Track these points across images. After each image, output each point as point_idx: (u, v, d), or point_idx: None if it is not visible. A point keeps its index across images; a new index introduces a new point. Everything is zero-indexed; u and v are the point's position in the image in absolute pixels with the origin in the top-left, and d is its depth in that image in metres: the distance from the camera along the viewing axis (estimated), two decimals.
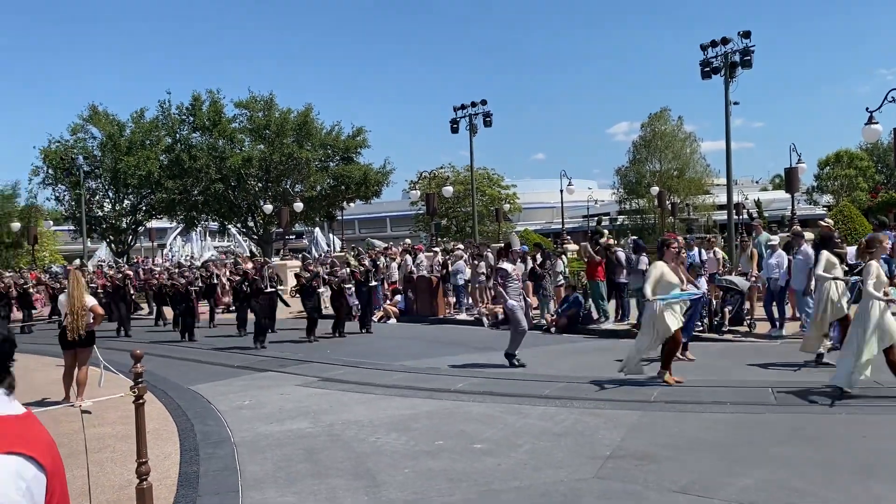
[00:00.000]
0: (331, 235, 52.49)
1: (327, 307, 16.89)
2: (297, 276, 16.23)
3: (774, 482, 5.25)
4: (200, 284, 18.88)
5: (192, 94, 40.54)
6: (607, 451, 6.25)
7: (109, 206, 42.64)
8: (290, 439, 7.18)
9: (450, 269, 18.30)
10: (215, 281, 20.47)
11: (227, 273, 20.81)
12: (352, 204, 45.21)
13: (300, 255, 22.19)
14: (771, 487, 5.14)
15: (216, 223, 45.14)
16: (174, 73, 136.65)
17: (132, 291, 20.18)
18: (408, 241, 30.18)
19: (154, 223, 47.19)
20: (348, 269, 16.01)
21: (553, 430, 7.02)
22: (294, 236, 50.71)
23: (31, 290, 22.28)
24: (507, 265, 11.00)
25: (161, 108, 40.91)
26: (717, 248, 15.58)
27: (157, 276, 21.03)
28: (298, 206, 37.06)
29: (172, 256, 42.86)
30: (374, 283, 17.20)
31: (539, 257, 16.87)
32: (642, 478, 5.51)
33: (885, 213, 18.29)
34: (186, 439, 7.35)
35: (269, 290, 15.22)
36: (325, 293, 16.68)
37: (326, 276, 15.91)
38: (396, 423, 7.64)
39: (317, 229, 52.18)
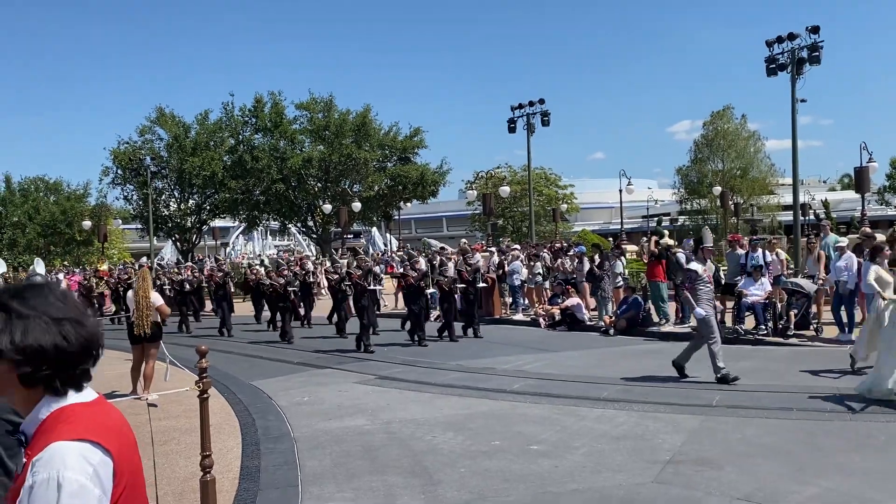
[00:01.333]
0: (388, 235, 52.91)
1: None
2: (402, 275, 14.95)
3: (842, 491, 5.08)
4: (298, 284, 17.63)
5: (254, 96, 41.44)
6: (667, 455, 6.14)
7: (175, 206, 43.89)
8: (349, 436, 7.28)
9: (506, 269, 18.23)
10: (311, 279, 19.15)
11: (323, 272, 20.16)
12: (409, 204, 45.48)
13: (404, 248, 21.02)
14: (839, 497, 4.98)
15: (277, 222, 45.99)
16: (237, 75, 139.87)
17: (233, 289, 19.37)
18: (464, 241, 30.23)
19: (217, 222, 48.38)
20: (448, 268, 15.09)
21: (611, 433, 6.93)
22: (352, 235, 51.28)
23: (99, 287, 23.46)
24: (696, 265, 9.54)
25: (224, 109, 41.91)
26: (780, 250, 15.12)
27: (255, 274, 20.01)
28: (357, 205, 37.55)
29: (258, 255, 43.59)
30: (481, 285, 16.17)
31: (597, 258, 16.69)
32: (703, 484, 5.40)
33: None
34: (248, 434, 7.52)
35: (371, 287, 14.43)
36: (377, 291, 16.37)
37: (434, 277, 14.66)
38: (453, 422, 7.66)
39: (374, 229, 52.67)
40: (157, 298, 9.69)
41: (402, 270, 15.86)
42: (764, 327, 12.70)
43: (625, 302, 14.99)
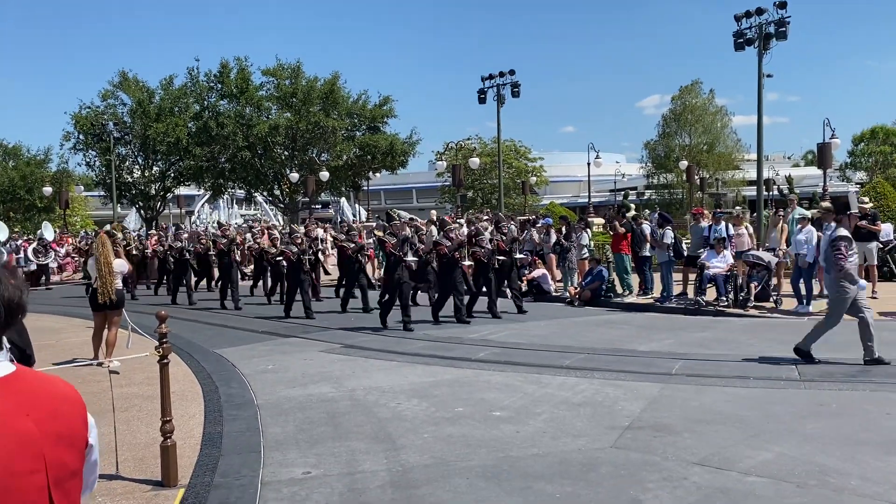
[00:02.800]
0: (356, 206, 52.60)
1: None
2: (436, 243, 12.89)
3: (795, 457, 5.22)
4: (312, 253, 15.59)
5: (220, 62, 40.67)
6: (626, 421, 6.25)
7: (139, 173, 43.14)
8: (313, 403, 7.28)
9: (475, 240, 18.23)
10: (321, 247, 17.68)
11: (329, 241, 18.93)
12: (378, 174, 45.22)
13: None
14: (791, 462, 5.12)
15: (243, 191, 45.46)
16: (203, 40, 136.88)
17: (238, 258, 17.83)
18: (434, 212, 30.18)
19: (182, 190, 47.68)
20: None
21: (572, 400, 7.04)
22: (320, 206, 50.89)
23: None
24: (844, 231, 8.65)
25: (190, 75, 41.12)
26: (746, 224, 15.34)
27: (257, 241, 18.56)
28: (324, 175, 37.24)
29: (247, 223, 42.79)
30: (519, 256, 14.46)
31: (564, 230, 16.79)
32: (661, 449, 5.51)
33: None
34: (211, 401, 7.48)
35: (410, 259, 12.68)
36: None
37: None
38: (417, 389, 7.71)
39: (343, 199, 52.35)
40: (121, 264, 9.54)
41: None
42: (725, 299, 12.94)
43: (590, 273, 15.14)
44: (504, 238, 13.64)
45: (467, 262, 13.47)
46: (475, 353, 9.65)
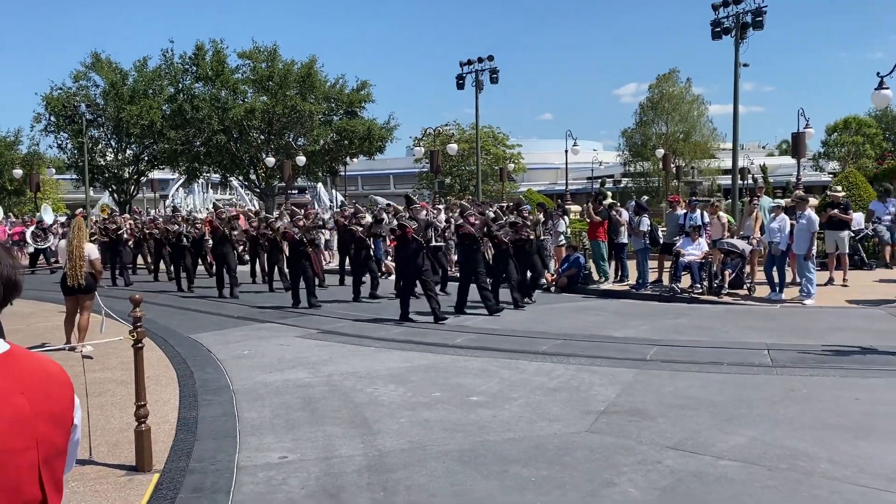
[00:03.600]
0: (333, 191, 52.30)
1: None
2: (458, 227, 12.50)
3: (765, 441, 5.31)
4: (322, 232, 15.58)
5: (195, 44, 40.10)
6: (602, 406, 6.32)
7: (112, 156, 42.50)
8: (289, 388, 7.26)
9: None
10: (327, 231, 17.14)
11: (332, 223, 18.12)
12: (355, 159, 44.96)
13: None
14: (762, 446, 5.21)
15: (218, 175, 44.96)
16: (177, 21, 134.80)
17: (242, 239, 17.25)
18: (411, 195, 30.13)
19: (156, 174, 47.07)
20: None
21: (548, 385, 7.09)
22: (296, 191, 50.51)
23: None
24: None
25: (164, 56, 40.49)
26: (721, 213, 15.50)
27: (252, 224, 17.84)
28: (301, 159, 36.93)
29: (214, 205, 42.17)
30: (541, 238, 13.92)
31: (541, 217, 16.83)
32: (635, 433, 5.58)
33: (891, 181, 18.15)
34: (186, 386, 7.43)
35: (435, 244, 12.58)
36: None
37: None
38: (394, 375, 7.72)
39: (319, 184, 52.05)
40: (91, 250, 9.41)
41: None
42: (699, 286, 13.09)
43: (566, 260, 15.22)
44: (527, 222, 12.82)
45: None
46: (452, 339, 9.67)
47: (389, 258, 18.87)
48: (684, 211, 14.45)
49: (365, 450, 5.37)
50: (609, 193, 41.42)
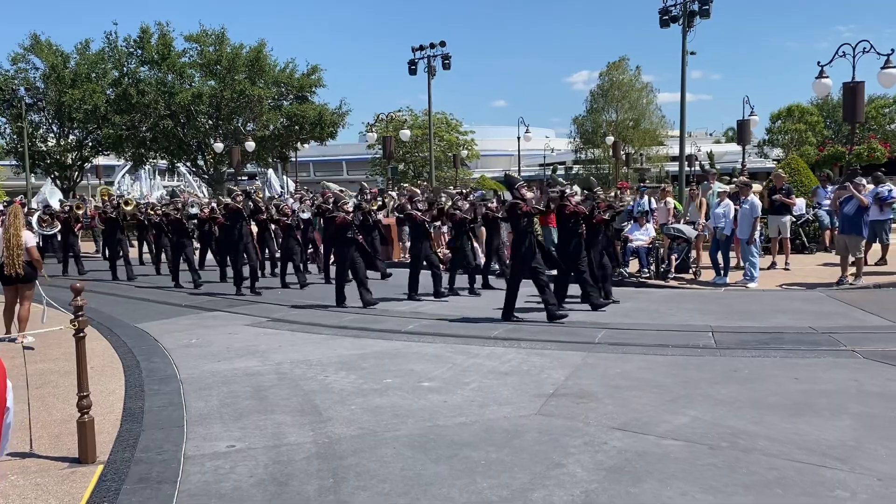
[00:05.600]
0: (284, 177, 51.58)
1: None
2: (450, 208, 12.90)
3: (709, 420, 5.46)
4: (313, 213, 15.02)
5: (140, 26, 39.00)
6: (551, 389, 6.40)
7: (54, 141, 41.17)
8: (237, 377, 7.18)
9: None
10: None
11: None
12: (306, 145, 44.46)
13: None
14: (705, 425, 5.35)
15: (165, 161, 43.95)
16: (121, 3, 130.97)
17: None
18: (364, 184, 29.94)
19: (101, 160, 45.82)
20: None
21: (500, 370, 7.16)
22: (246, 177, 49.68)
23: None
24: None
25: (107, 39, 39.29)
26: (669, 199, 15.80)
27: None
28: (250, 145, 36.35)
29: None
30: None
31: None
32: (583, 415, 5.68)
33: (831, 168, 18.76)
34: (131, 376, 7.29)
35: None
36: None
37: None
38: (345, 362, 7.69)
39: (270, 170, 51.23)
40: (29, 239, 9.12)
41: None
42: (647, 270, 13.34)
43: None
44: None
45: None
46: (405, 326, 9.68)
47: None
48: (633, 197, 14.68)
49: (315, 437, 5.35)
50: (561, 179, 41.92)
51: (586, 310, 10.30)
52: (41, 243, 20.80)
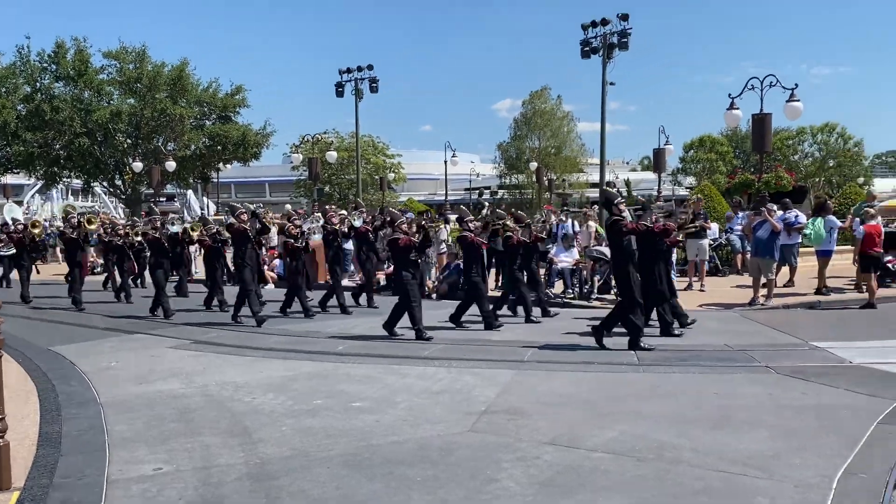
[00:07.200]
0: (205, 199, 50.37)
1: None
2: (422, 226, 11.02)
3: (635, 434, 5.61)
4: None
5: (55, 41, 37.59)
6: (482, 407, 6.46)
7: None
8: (162, 400, 6.96)
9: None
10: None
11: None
12: (228, 166, 43.53)
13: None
14: (632, 439, 5.50)
15: (80, 181, 42.25)
16: (35, 16, 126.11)
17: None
18: (288, 206, 29.57)
19: (9, 178, 43.71)
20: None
21: (431, 389, 7.17)
22: (165, 199, 48.34)
23: None
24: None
25: (19, 53, 37.64)
26: (591, 223, 16.22)
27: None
28: (171, 165, 35.38)
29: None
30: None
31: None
32: (514, 431, 5.75)
33: (741, 195, 19.69)
34: (47, 400, 6.97)
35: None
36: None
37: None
38: (274, 384, 7.56)
39: (190, 191, 49.94)
40: None
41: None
42: (571, 291, 13.63)
43: (447, 268, 15.44)
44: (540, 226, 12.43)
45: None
46: (334, 347, 9.59)
47: (266, 267, 18.32)
48: (557, 220, 15.01)
49: (246, 458, 5.23)
50: (486, 203, 42.46)
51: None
52: None
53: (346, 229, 13.59)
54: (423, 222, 11.05)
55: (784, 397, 6.63)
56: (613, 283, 13.77)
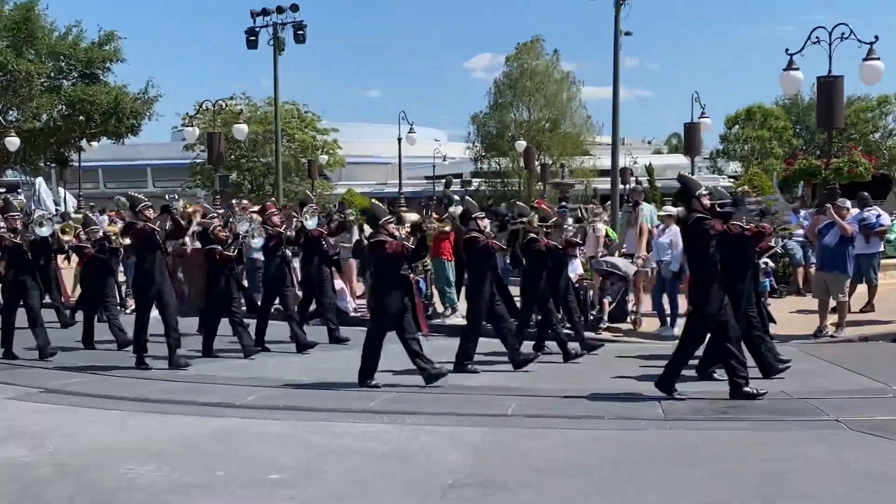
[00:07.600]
0: (61, 190, 49.73)
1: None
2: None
3: None
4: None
5: None
6: (449, 478, 6.48)
7: None
8: None
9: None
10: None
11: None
12: (95, 143, 43.10)
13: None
14: None
15: None
16: None
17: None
18: (202, 197, 29.32)
19: None
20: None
21: (376, 453, 7.20)
22: (4, 189, 47.59)
23: None
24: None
25: None
26: (598, 224, 16.22)
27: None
28: (12, 141, 34.94)
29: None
30: None
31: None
32: None
33: (803, 186, 19.86)
34: None
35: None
36: None
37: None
38: (154, 449, 7.53)
39: (39, 179, 49.21)
40: None
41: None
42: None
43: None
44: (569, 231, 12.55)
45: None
46: (241, 397, 9.59)
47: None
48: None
49: None
50: (456, 197, 42.53)
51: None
52: None
53: (292, 233, 13.51)
54: (422, 222, 11.14)
55: (858, 462, 6.75)
56: (631, 305, 13.91)
